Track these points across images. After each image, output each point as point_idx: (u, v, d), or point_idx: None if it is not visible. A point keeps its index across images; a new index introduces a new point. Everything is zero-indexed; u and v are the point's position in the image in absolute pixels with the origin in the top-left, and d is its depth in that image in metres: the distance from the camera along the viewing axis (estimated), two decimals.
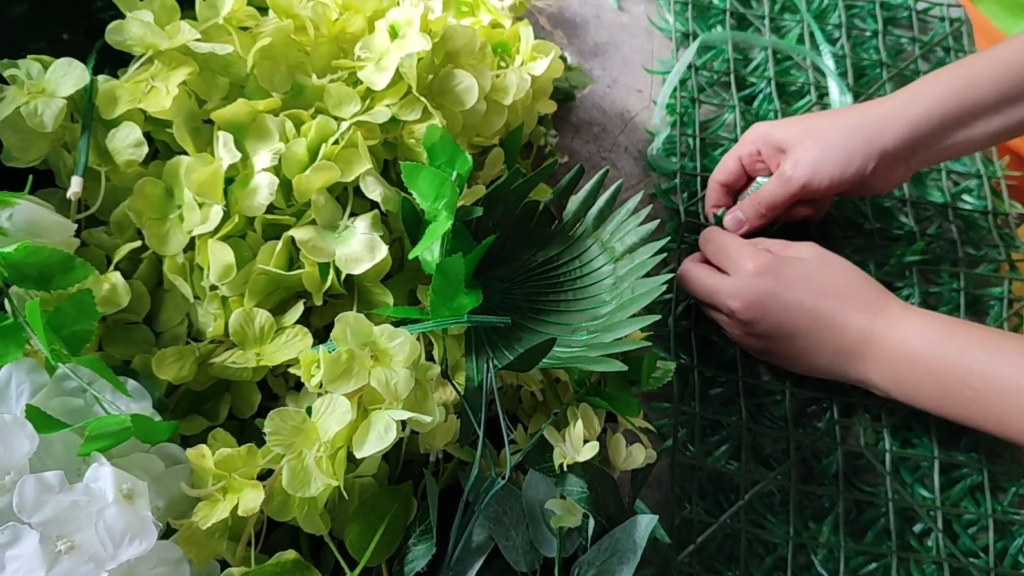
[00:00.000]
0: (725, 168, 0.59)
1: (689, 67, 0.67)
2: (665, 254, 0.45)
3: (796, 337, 0.51)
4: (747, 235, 0.56)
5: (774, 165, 0.56)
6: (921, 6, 0.73)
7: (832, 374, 0.52)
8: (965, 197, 0.65)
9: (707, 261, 0.55)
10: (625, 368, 0.39)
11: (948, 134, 0.54)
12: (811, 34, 0.70)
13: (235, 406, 0.42)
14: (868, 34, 0.71)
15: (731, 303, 0.51)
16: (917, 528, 0.52)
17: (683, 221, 0.60)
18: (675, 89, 0.66)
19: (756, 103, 0.67)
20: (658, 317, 0.42)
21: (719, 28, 0.70)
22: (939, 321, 0.49)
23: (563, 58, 0.62)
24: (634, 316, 0.42)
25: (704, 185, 0.61)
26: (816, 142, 0.54)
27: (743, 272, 0.51)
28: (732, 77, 0.67)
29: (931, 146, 0.54)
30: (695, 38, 0.69)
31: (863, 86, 0.68)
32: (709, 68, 0.68)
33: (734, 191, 0.60)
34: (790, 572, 0.50)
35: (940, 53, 0.71)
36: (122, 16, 0.41)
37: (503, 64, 0.52)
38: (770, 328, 0.51)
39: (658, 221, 0.47)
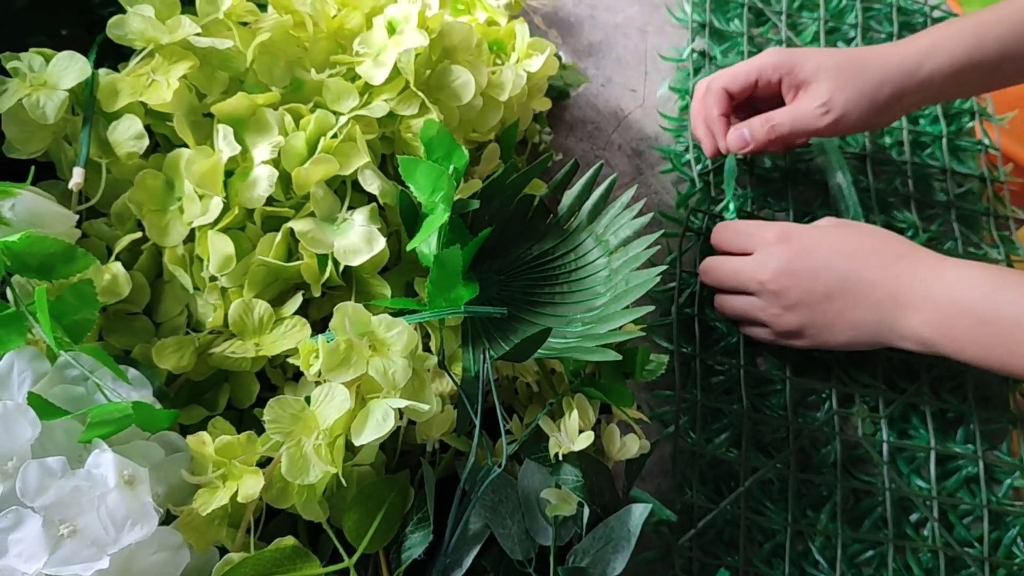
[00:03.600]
0: (737, 79, 0.58)
1: (703, 55, 0.69)
2: (659, 247, 0.46)
3: (831, 298, 0.50)
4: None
5: (790, 95, 0.57)
6: (936, 14, 0.75)
7: (876, 335, 0.50)
8: (967, 198, 0.66)
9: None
10: (619, 358, 0.39)
11: (953, 88, 0.57)
12: (827, 32, 0.71)
13: (234, 396, 0.42)
14: (883, 36, 0.72)
15: (758, 276, 0.51)
16: (913, 517, 0.53)
17: (698, 188, 0.62)
18: (687, 75, 0.68)
19: None
20: (652, 308, 0.42)
21: (736, 22, 0.71)
22: (986, 268, 0.48)
23: (558, 57, 0.63)
24: (628, 307, 0.43)
25: (715, 161, 0.63)
26: (851, 84, 0.55)
27: (764, 243, 0.51)
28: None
29: (936, 96, 0.58)
30: (711, 29, 0.70)
31: None
32: (723, 58, 0.69)
33: (734, 104, 0.60)
34: (788, 559, 0.51)
35: None
36: (121, 11, 0.42)
37: (499, 61, 0.52)
38: (802, 295, 0.50)
39: (652, 214, 0.48)
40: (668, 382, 0.55)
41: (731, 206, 0.59)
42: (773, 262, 0.51)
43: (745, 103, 0.60)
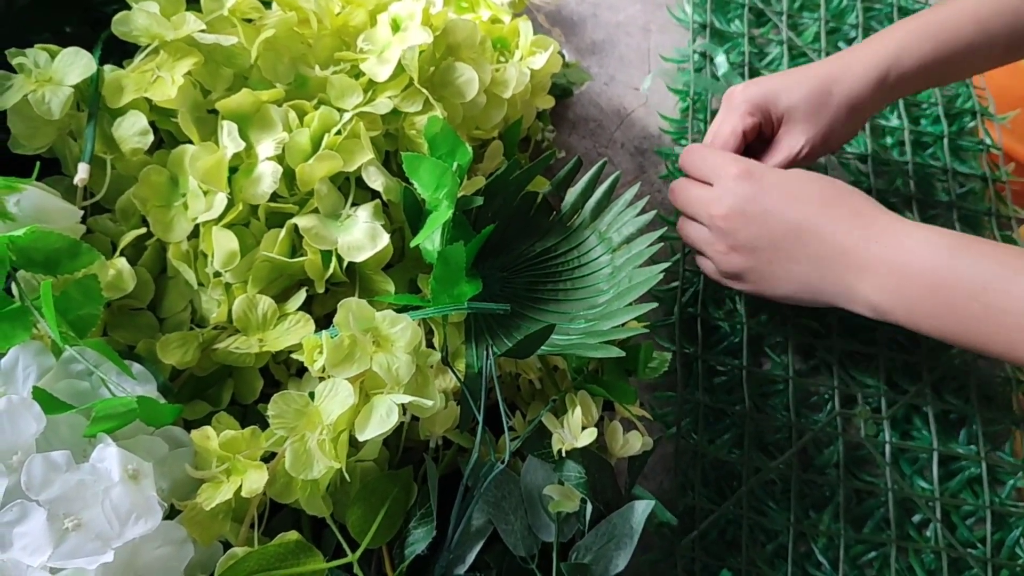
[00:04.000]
0: (728, 143, 0.56)
1: (703, 56, 0.69)
2: (662, 243, 0.46)
3: (776, 247, 0.48)
4: None
5: (769, 130, 0.57)
6: None
7: (821, 293, 0.48)
8: (969, 198, 0.66)
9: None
10: (622, 354, 0.39)
11: (923, 83, 0.58)
12: (828, 32, 0.71)
13: (238, 392, 0.42)
14: None
15: (712, 210, 0.50)
16: (916, 518, 0.53)
17: None
18: (689, 75, 0.68)
19: None
20: (655, 305, 0.42)
21: (737, 22, 0.71)
22: (945, 234, 0.45)
23: (561, 55, 0.63)
24: (631, 304, 0.43)
25: None
26: (822, 119, 0.55)
27: (725, 177, 0.50)
28: (746, 69, 0.68)
29: (907, 93, 0.59)
30: (712, 30, 0.70)
31: None
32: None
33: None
34: (791, 559, 0.51)
35: None
36: (126, 8, 0.42)
37: (503, 59, 0.52)
38: (750, 238, 0.49)
39: (655, 212, 0.48)
40: (670, 383, 0.55)
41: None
42: (728, 199, 0.49)
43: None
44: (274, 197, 0.41)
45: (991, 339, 0.43)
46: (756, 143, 0.57)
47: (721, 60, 0.68)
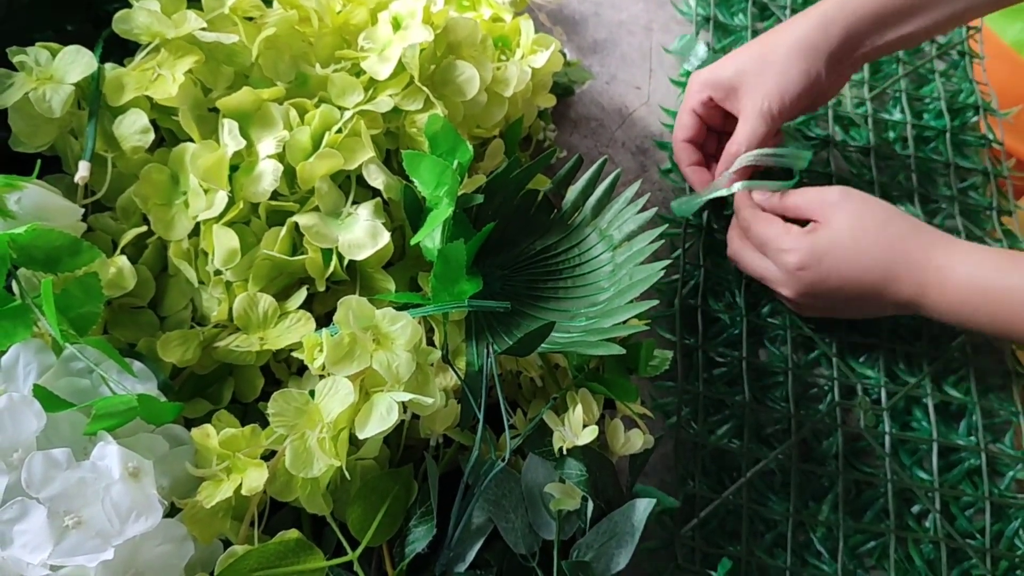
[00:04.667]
0: (683, 125, 0.59)
1: (708, 48, 0.69)
2: (663, 241, 0.46)
3: (850, 306, 0.54)
4: (751, 176, 0.57)
5: (731, 105, 0.57)
6: None
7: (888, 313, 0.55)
8: (971, 193, 0.66)
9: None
10: (623, 351, 0.39)
11: (883, 32, 0.56)
12: None
13: (238, 390, 0.42)
14: None
15: (783, 291, 0.54)
16: (915, 509, 0.53)
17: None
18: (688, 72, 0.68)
19: None
20: (655, 303, 0.42)
21: (740, 16, 0.71)
22: (989, 257, 0.50)
23: (562, 53, 0.63)
24: (632, 302, 0.43)
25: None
26: (772, 68, 0.55)
27: (786, 268, 0.53)
28: None
29: (868, 45, 0.56)
30: (716, 24, 0.70)
31: (879, 80, 0.70)
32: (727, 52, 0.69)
33: (699, 144, 0.60)
34: (790, 549, 0.51)
35: (955, 56, 0.73)
36: (126, 6, 0.42)
37: (504, 57, 0.52)
38: (824, 304, 0.54)
39: (656, 209, 0.48)
40: (670, 373, 0.55)
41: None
42: (795, 284, 0.53)
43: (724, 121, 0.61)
44: (275, 195, 0.41)
45: None
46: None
47: (701, 50, 0.68)
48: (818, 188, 0.54)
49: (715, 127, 0.61)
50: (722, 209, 0.62)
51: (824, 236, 0.52)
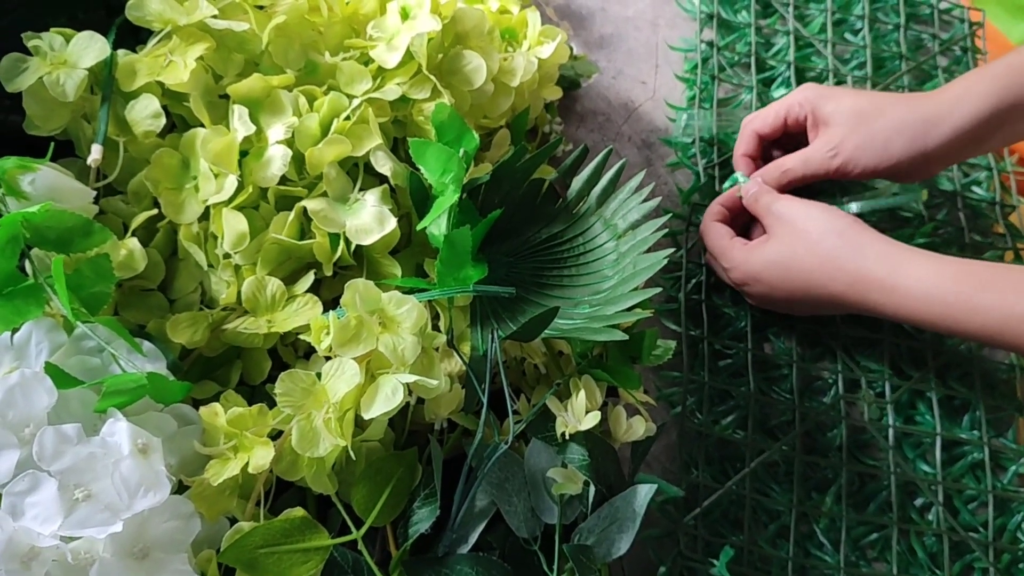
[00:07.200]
0: (767, 120, 0.59)
1: (711, 46, 0.69)
2: (666, 231, 0.46)
3: (807, 310, 0.56)
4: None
5: (812, 133, 0.57)
6: (943, 5, 0.75)
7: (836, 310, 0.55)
8: (974, 188, 0.66)
9: (727, 210, 0.57)
10: (626, 338, 0.40)
11: (989, 137, 0.54)
12: (834, 23, 0.71)
13: (246, 372, 0.43)
14: (890, 27, 0.72)
15: (739, 286, 0.56)
16: (918, 502, 0.53)
17: (702, 182, 0.62)
18: (695, 66, 0.68)
19: (774, 86, 0.68)
20: (659, 290, 0.43)
21: (744, 13, 0.71)
22: (937, 270, 0.48)
23: (569, 47, 0.63)
24: (635, 290, 0.43)
25: (720, 155, 0.63)
26: (861, 130, 0.54)
27: (731, 280, 0.55)
28: (753, 59, 0.68)
29: (971, 148, 0.55)
30: (719, 20, 0.70)
31: (881, 76, 0.70)
32: (731, 49, 0.69)
33: (765, 143, 0.60)
34: (792, 539, 0.51)
35: (958, 52, 0.73)
36: None
37: (511, 48, 0.53)
38: (782, 308, 0.56)
39: (660, 199, 0.48)
40: (676, 363, 0.56)
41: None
42: (746, 289, 0.55)
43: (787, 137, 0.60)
44: (283, 180, 0.42)
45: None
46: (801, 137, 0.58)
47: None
48: (788, 197, 0.54)
49: (789, 130, 0.60)
50: None
51: (759, 256, 0.53)
